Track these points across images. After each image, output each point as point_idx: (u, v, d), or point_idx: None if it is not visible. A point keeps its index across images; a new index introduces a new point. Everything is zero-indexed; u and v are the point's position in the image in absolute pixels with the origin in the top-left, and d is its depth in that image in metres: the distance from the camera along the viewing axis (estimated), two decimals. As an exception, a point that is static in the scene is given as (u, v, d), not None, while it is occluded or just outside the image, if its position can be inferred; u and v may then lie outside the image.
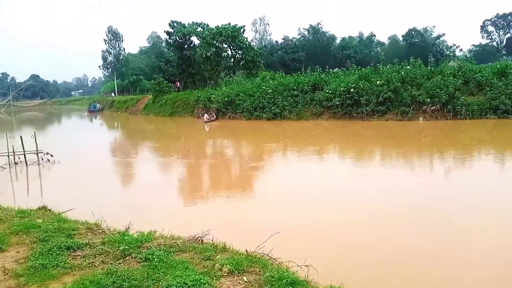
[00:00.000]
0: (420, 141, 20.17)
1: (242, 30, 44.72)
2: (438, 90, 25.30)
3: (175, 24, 48.19)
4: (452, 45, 75.84)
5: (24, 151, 18.92)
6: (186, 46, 48.76)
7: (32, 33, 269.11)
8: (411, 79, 27.55)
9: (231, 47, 45.34)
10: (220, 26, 45.17)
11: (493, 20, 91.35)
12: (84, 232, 6.32)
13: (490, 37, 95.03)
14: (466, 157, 16.20)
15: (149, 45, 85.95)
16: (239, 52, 44.99)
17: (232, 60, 46.08)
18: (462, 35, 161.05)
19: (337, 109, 28.92)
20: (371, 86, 28.17)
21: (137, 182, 15.90)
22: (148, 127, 40.70)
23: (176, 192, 13.61)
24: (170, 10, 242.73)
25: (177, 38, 48.42)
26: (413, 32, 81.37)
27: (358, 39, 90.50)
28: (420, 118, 25.68)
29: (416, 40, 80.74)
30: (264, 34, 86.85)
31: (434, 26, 79.47)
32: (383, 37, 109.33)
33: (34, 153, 19.28)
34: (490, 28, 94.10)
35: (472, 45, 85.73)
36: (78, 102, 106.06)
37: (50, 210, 8.34)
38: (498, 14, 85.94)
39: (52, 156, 19.36)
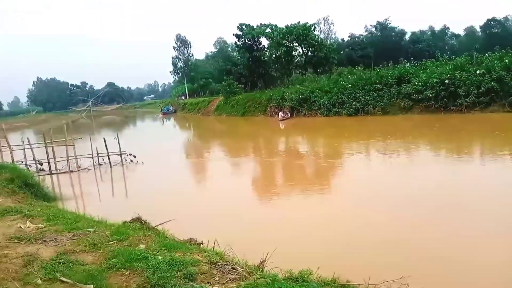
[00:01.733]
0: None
1: (313, 27, 42.93)
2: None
3: (244, 27, 47.58)
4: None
5: (108, 153, 18.63)
6: (255, 48, 47.91)
7: (109, 45, 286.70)
8: (517, 66, 24.04)
9: (302, 45, 43.57)
10: (290, 25, 43.73)
11: None
12: (208, 269, 4.54)
13: None
14: None
15: (215, 50, 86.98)
16: (311, 49, 43.07)
17: (304, 58, 44.25)
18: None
19: (430, 102, 26.05)
20: (469, 76, 25.03)
21: (227, 187, 14.57)
22: (223, 127, 40.25)
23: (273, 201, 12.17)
24: (233, 16, 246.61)
25: (246, 40, 47.74)
26: (492, 22, 75.00)
27: (430, 32, 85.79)
28: (533, 108, 22.21)
29: (496, 30, 74.40)
30: (329, 34, 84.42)
31: None
32: (457, 29, 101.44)
33: (117, 154, 19.01)
34: None
35: None
36: (152, 105, 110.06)
37: (146, 223, 7.20)
38: None
39: (135, 157, 18.97)
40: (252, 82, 64.68)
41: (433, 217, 8.56)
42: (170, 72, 79.13)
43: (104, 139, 18.60)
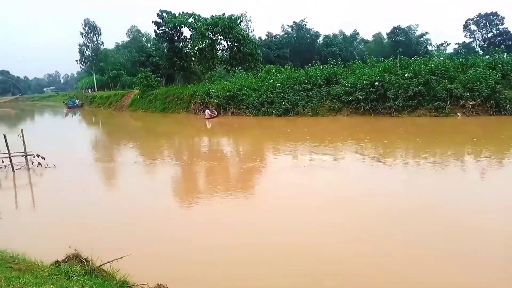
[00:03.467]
0: (470, 139, 17.52)
1: (239, 20, 41.26)
2: (478, 83, 22.83)
3: (165, 14, 44.16)
4: (442, 42, 74.71)
5: (9, 153, 15.18)
6: (176, 38, 44.79)
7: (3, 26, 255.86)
8: (441, 71, 24.99)
9: (228, 39, 41.74)
10: (214, 16, 41.65)
11: (475, 19, 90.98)
12: None
13: (473, 36, 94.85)
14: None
15: (128, 39, 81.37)
16: (236, 44, 41.42)
17: (229, 52, 42.45)
18: (445, 34, 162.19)
19: (359, 104, 26.08)
20: (397, 79, 25.51)
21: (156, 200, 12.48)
22: (141, 124, 36.88)
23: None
24: (149, 3, 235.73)
25: (167, 29, 44.45)
26: (397, 30, 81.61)
27: (341, 36, 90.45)
28: (458, 113, 23.11)
29: (401, 38, 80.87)
30: (246, 31, 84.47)
31: (417, 25, 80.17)
32: (366, 35, 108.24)
33: (22, 156, 15.62)
34: (473, 27, 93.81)
35: (456, 43, 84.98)
36: (53, 98, 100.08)
37: (88, 262, 5.02)
38: (480, 13, 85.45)
39: (43, 158, 15.76)
40: (170, 76, 61.36)
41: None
42: (77, 61, 72.10)
43: (4, 136, 15.08)
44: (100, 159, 18.80)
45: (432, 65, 25.30)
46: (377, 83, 25.56)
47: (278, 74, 32.73)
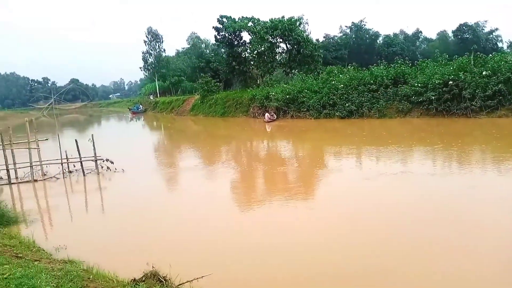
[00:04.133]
0: None
1: (298, 22, 40.61)
2: None
3: (225, 19, 44.56)
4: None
5: (80, 158, 15.61)
6: (236, 43, 45.05)
7: (74, 36, 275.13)
8: (525, 68, 22.74)
9: (287, 42, 41.23)
10: (274, 19, 41.33)
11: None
12: None
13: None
14: None
15: (188, 46, 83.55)
16: (295, 46, 40.80)
17: (288, 55, 41.91)
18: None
19: (431, 104, 24.41)
20: (473, 78, 23.56)
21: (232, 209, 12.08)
22: (202, 129, 37.30)
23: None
24: (203, 12, 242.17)
25: (226, 34, 44.84)
26: (464, 27, 76.86)
27: (403, 36, 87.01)
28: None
29: (468, 35, 76.20)
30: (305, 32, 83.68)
31: (486, 21, 74.38)
32: (430, 33, 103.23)
33: (92, 160, 16.04)
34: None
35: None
36: (118, 104, 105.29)
37: (167, 281, 4.64)
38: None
39: (112, 163, 16.04)
40: (227, 81, 61.98)
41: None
42: (140, 68, 75.09)
43: (76, 141, 15.57)
44: (167, 164, 18.86)
45: (514, 62, 23.09)
46: (451, 82, 23.75)
47: (340, 75, 31.63)
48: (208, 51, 76.43)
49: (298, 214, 9.52)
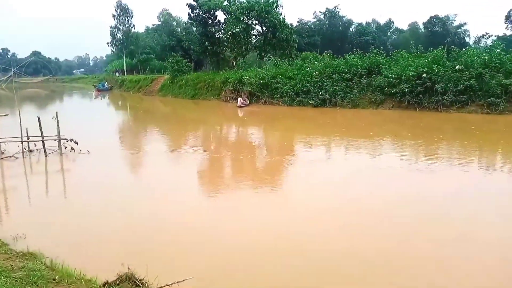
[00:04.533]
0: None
1: (275, 4, 39.64)
2: (541, 79, 20.97)
3: (200, -3, 42.88)
4: (484, 34, 70.92)
5: (42, 137, 14.55)
6: (210, 22, 43.63)
7: (32, 7, 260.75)
8: (496, 64, 23.10)
9: (263, 24, 40.24)
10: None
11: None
12: None
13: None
14: None
15: (159, 23, 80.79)
16: (271, 29, 39.89)
17: (263, 38, 40.97)
18: (484, 25, 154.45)
19: (404, 97, 24.49)
20: (447, 71, 23.76)
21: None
22: (170, 110, 36.22)
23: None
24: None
25: (201, 12, 43.29)
26: (434, 20, 78.10)
27: (375, 25, 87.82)
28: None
29: (438, 28, 77.72)
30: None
31: (455, 15, 76.31)
32: (401, 24, 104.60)
33: (55, 140, 15.00)
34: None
35: (496, 35, 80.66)
36: (82, 80, 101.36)
37: (144, 284, 4.10)
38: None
39: (76, 143, 15.07)
40: (198, 62, 60.46)
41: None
42: (108, 43, 71.81)
43: (38, 118, 14.45)
44: (134, 147, 17.97)
45: (486, 58, 23.38)
46: (424, 75, 23.86)
47: (316, 62, 31.24)
48: (179, 30, 74.22)
49: (271, 207, 9.13)
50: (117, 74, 75.44)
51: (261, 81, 31.51)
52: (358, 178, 11.34)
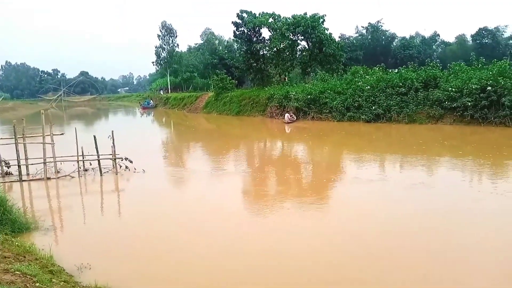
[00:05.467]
0: None
1: (321, 20, 39.03)
2: None
3: (245, 14, 42.97)
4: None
5: (98, 156, 14.34)
6: (254, 39, 43.56)
7: (79, 29, 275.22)
8: None
9: (309, 40, 39.64)
10: (296, 15, 39.80)
11: None
12: None
13: None
14: None
15: (201, 42, 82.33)
16: (317, 45, 39.22)
17: (309, 54, 40.30)
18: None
19: (466, 111, 22.91)
20: (514, 84, 22.04)
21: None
22: (217, 128, 35.95)
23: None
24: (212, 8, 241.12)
25: (245, 29, 43.33)
26: (483, 32, 74.91)
27: (419, 38, 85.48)
28: None
29: (487, 40, 74.52)
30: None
31: (506, 26, 72.25)
32: (447, 37, 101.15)
33: (110, 159, 14.81)
34: None
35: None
36: (127, 98, 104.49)
37: None
38: None
39: (131, 162, 14.79)
40: (239, 79, 60.55)
41: None
42: (153, 62, 73.87)
43: (94, 137, 14.31)
44: (189, 166, 17.51)
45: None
46: (489, 87, 22.26)
47: (367, 76, 30.13)
48: (221, 48, 75.20)
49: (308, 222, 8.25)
50: (161, 92, 77.11)
51: (309, 96, 30.76)
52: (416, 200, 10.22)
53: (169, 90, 73.49)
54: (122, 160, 14.84)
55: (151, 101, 68.34)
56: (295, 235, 8.08)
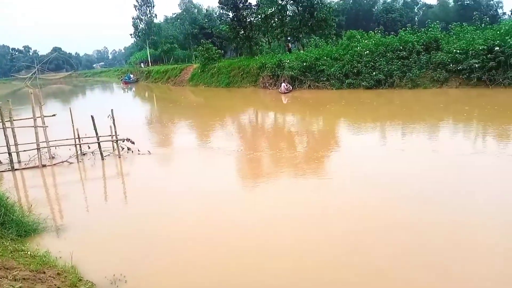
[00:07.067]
0: None
1: (312, -18, 37.12)
2: None
3: (231, -21, 40.66)
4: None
5: (98, 138, 12.94)
6: (241, 5, 41.45)
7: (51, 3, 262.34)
8: None
9: (299, 4, 37.73)
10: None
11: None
12: None
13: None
14: None
15: (179, 11, 79.03)
16: (307, 9, 37.43)
17: (299, 19, 38.51)
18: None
19: (473, 73, 22.09)
20: (521, 44, 21.21)
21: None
22: (206, 101, 34.30)
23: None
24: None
25: (231, -5, 41.13)
26: (464, -7, 74.21)
27: (401, 1, 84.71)
28: None
29: (468, 1, 74.16)
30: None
31: None
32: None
33: (110, 141, 13.45)
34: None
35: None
36: (104, 74, 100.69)
37: None
38: None
39: (133, 143, 13.46)
40: (223, 48, 58.44)
41: None
42: (131, 34, 71.02)
43: (92, 117, 12.84)
44: (193, 144, 16.08)
45: None
46: (497, 48, 21.40)
47: (364, 41, 28.88)
48: (200, 17, 72.38)
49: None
50: (142, 65, 74.28)
51: (304, 64, 29.43)
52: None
53: (150, 63, 70.71)
54: (123, 142, 13.50)
55: (131, 75, 65.64)
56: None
